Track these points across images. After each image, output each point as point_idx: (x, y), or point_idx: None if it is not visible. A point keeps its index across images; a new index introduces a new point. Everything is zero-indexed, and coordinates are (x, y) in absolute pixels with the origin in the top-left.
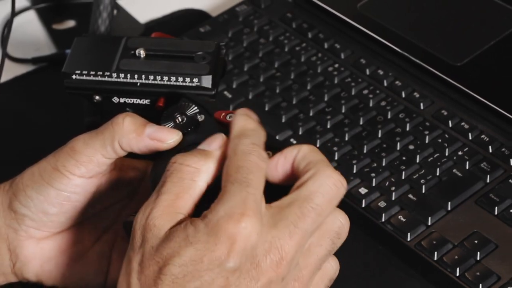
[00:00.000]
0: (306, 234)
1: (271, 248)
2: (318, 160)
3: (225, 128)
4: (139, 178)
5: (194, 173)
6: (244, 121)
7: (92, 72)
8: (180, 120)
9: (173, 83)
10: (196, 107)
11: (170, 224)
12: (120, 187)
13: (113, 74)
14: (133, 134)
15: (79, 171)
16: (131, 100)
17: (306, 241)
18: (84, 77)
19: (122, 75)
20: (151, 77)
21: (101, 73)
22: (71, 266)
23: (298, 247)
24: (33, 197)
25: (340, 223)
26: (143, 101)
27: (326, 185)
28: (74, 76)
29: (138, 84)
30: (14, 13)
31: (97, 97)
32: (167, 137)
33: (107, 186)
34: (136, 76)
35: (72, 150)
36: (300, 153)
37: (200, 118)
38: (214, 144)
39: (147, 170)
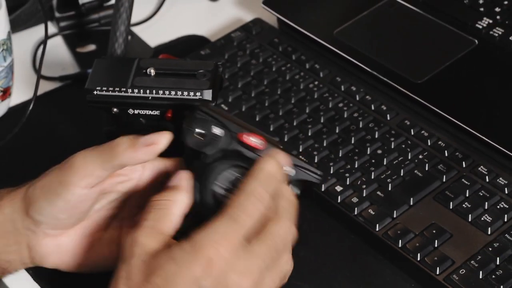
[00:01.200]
0: (265, 271)
1: (241, 279)
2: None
3: (243, 145)
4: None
5: (169, 204)
6: (270, 166)
7: (110, 88)
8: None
9: (179, 96)
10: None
11: (154, 242)
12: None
13: (128, 89)
14: (131, 149)
15: (83, 184)
16: (143, 112)
17: (265, 276)
18: (104, 93)
19: (136, 90)
20: (160, 92)
21: (118, 89)
22: (86, 254)
23: (261, 281)
24: (45, 207)
25: (290, 268)
26: (154, 112)
27: (289, 233)
28: (95, 92)
29: (150, 98)
30: (47, 38)
31: (115, 110)
32: (159, 139)
33: (110, 187)
34: (148, 91)
35: (73, 166)
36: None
37: (217, 131)
38: (182, 180)
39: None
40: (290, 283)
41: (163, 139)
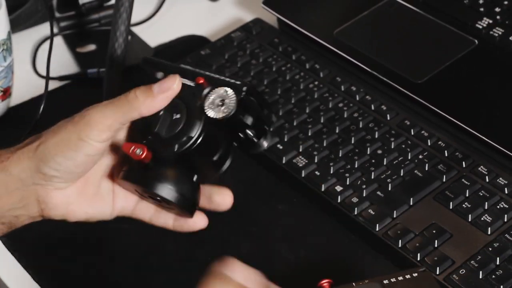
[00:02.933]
0: None
1: None
2: None
3: None
4: None
5: None
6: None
7: (163, 60)
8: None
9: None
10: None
11: None
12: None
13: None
14: (149, 98)
15: (102, 138)
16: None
17: None
18: (157, 60)
19: (184, 66)
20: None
21: (170, 62)
22: (89, 203)
23: None
24: (62, 163)
25: None
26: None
27: None
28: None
29: (196, 71)
30: (52, 36)
31: (159, 74)
32: (172, 83)
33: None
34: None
35: (91, 121)
36: None
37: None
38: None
39: None
40: (289, 283)
41: (176, 82)
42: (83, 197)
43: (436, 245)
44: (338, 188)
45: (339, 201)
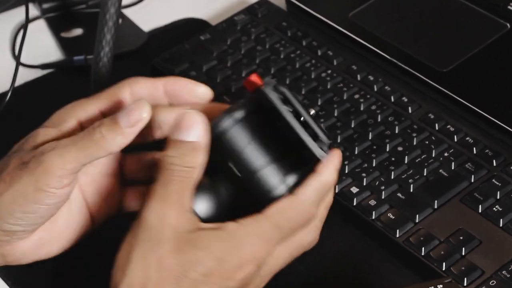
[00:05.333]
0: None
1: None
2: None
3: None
4: None
5: (191, 173)
6: (330, 176)
7: None
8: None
9: None
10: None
11: (186, 224)
12: None
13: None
14: (118, 136)
15: (63, 184)
16: None
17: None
18: None
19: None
20: None
21: None
22: (64, 233)
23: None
24: (23, 218)
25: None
26: None
27: (313, 241)
28: None
29: None
30: (27, 23)
31: None
32: (140, 111)
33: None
34: None
35: (50, 168)
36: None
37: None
38: (198, 133)
39: None
40: None
41: (145, 110)
42: (54, 232)
43: (463, 253)
44: (354, 190)
45: (354, 204)
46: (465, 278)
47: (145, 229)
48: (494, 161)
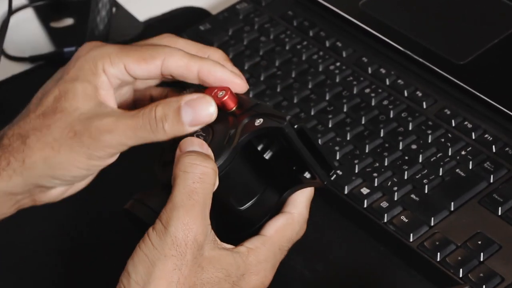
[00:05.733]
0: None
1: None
2: None
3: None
4: None
5: (213, 176)
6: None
7: None
8: None
9: None
10: None
11: (205, 238)
12: None
13: None
14: (179, 132)
15: (114, 155)
16: None
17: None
18: None
19: None
20: None
21: None
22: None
23: None
24: (67, 179)
25: None
26: None
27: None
28: None
29: None
30: (11, 11)
31: None
32: (208, 112)
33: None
34: None
35: (106, 147)
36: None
37: None
38: (201, 146)
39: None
40: None
41: (213, 111)
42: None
43: (482, 259)
44: (365, 191)
45: (365, 206)
46: (484, 286)
47: (171, 244)
48: None
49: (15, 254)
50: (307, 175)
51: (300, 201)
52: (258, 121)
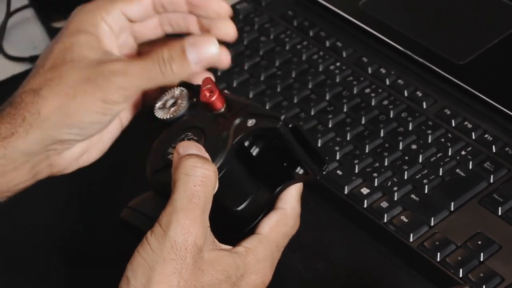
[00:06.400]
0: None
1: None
2: None
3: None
4: None
5: (213, 178)
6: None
7: None
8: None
9: None
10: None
11: (205, 240)
12: None
13: None
14: (186, 71)
15: (128, 99)
16: None
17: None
18: None
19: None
20: None
21: None
22: (99, 143)
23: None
24: (87, 128)
25: None
26: None
27: None
28: None
29: None
30: (9, 12)
31: None
32: (212, 47)
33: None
34: None
35: (120, 89)
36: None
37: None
38: (199, 149)
39: None
40: None
41: (216, 46)
42: (94, 140)
43: (482, 259)
44: (365, 191)
45: (365, 206)
46: (484, 286)
47: (170, 248)
48: None
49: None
50: (299, 170)
51: (291, 196)
52: (251, 122)
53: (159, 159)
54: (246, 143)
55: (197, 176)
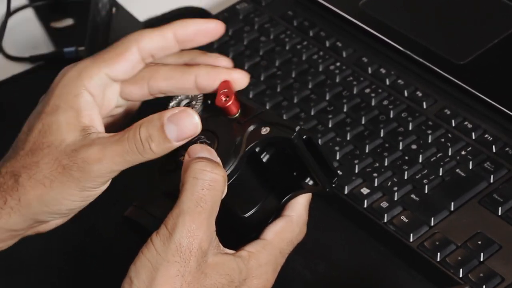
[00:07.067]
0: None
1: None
2: None
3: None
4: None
5: (222, 184)
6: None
7: None
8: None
9: None
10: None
11: (209, 244)
12: None
13: None
14: (166, 150)
15: (106, 182)
16: None
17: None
18: None
19: None
20: None
21: None
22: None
23: None
24: (63, 213)
25: None
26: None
27: None
28: None
29: None
30: (9, 12)
31: None
32: (192, 127)
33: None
34: None
35: (97, 177)
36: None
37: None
38: (210, 153)
39: None
40: None
41: (197, 125)
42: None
43: (482, 259)
44: (365, 191)
45: (365, 206)
46: (484, 286)
47: (175, 250)
48: None
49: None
50: (309, 181)
51: (299, 204)
52: (265, 130)
53: (170, 160)
54: (257, 149)
55: (205, 180)
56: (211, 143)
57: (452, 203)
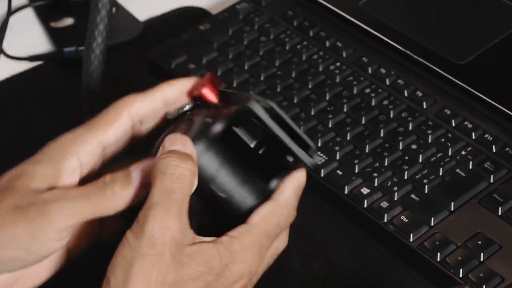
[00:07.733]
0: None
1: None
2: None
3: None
4: None
5: (191, 177)
6: (304, 179)
7: None
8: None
9: None
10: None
11: (184, 235)
12: None
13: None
14: (131, 195)
15: (62, 237)
16: None
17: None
18: None
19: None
20: None
21: None
22: (37, 273)
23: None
24: (8, 262)
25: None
26: None
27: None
28: None
29: None
30: (10, 11)
31: None
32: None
33: None
34: None
35: (53, 221)
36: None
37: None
38: (183, 144)
39: None
40: None
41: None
42: (29, 271)
43: (482, 259)
44: (365, 191)
45: (365, 205)
46: (484, 286)
47: (148, 243)
48: None
49: None
50: (289, 158)
51: (287, 187)
52: (232, 108)
53: (141, 155)
54: (253, 144)
55: (173, 174)
56: (186, 127)
57: (452, 203)
